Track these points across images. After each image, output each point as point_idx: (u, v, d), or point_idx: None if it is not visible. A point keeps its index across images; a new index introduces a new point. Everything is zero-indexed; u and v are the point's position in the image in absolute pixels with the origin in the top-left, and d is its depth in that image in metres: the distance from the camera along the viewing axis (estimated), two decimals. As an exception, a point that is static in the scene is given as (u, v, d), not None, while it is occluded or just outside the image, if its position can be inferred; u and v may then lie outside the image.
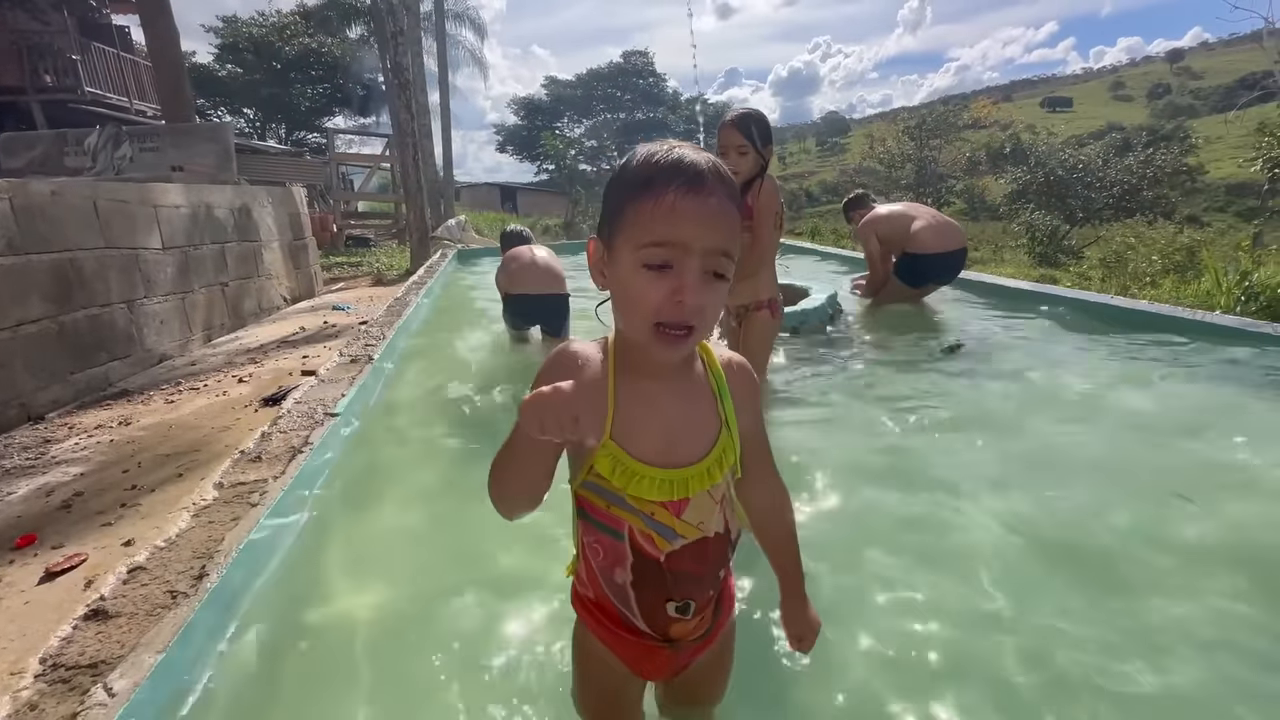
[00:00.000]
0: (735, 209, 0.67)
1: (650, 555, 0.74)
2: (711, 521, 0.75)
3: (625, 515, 0.73)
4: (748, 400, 0.79)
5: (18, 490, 2.31)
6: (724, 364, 0.78)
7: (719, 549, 0.77)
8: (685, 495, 0.72)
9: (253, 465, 1.81)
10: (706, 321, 0.67)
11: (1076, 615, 1.22)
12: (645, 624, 0.77)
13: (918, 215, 4.03)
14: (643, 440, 0.72)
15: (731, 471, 0.76)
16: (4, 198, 3.11)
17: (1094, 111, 56.61)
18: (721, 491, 0.75)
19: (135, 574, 1.31)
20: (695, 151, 0.68)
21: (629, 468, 0.71)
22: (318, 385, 2.54)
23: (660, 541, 0.73)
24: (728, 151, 2.21)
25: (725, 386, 0.76)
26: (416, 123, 8.50)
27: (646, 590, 0.75)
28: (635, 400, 0.72)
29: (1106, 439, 2.06)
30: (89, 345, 3.62)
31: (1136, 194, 19.51)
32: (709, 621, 0.82)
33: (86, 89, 13.37)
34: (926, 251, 3.90)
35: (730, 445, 0.75)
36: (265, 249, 5.97)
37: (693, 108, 31.83)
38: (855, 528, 1.60)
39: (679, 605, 0.76)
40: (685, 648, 0.81)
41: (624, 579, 0.76)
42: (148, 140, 6.32)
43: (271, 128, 24.05)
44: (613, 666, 0.82)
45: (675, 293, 0.63)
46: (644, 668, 0.82)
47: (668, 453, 0.72)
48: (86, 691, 1.00)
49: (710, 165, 0.67)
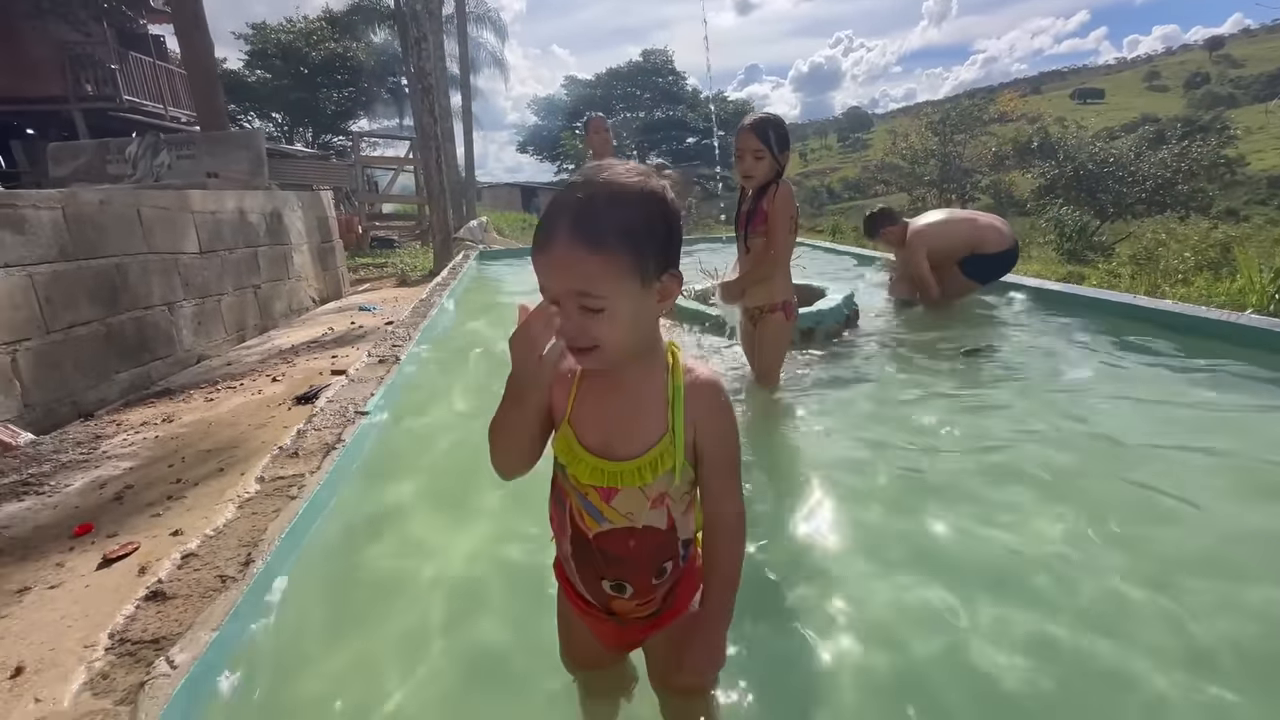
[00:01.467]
0: (591, 252, 0.71)
1: (582, 531, 0.85)
2: (641, 515, 0.83)
3: (568, 490, 0.84)
4: (709, 419, 0.82)
5: (74, 483, 2.47)
6: (690, 380, 0.82)
7: (651, 541, 0.84)
8: (615, 485, 0.81)
9: (290, 461, 1.92)
10: (605, 340, 0.74)
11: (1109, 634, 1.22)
12: (588, 593, 0.89)
13: (970, 217, 4.12)
14: (587, 428, 0.83)
15: (677, 477, 0.82)
16: (57, 207, 3.29)
17: (1127, 103, 54.98)
18: (658, 491, 0.82)
19: (188, 560, 1.42)
20: (568, 193, 0.74)
21: (573, 449, 0.82)
22: (348, 385, 2.66)
23: (590, 521, 0.83)
24: (744, 155, 2.26)
25: (680, 398, 0.81)
26: (439, 126, 8.67)
27: (582, 564, 0.87)
28: (589, 392, 0.83)
29: (1130, 444, 2.03)
30: (133, 346, 3.81)
31: (1171, 188, 18.92)
32: (656, 605, 0.90)
33: (125, 97, 13.89)
34: (996, 250, 3.94)
35: (670, 452, 0.80)
36: (295, 252, 6.16)
37: (708, 107, 31.70)
38: (866, 537, 1.61)
39: (613, 584, 0.87)
40: (631, 624, 0.91)
41: (566, 549, 0.89)
42: (184, 148, 6.57)
43: (299, 131, 24.62)
44: (579, 626, 0.94)
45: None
46: (599, 631, 0.93)
47: (605, 445, 0.82)
48: (151, 664, 1.10)
49: (571, 213, 0.72)
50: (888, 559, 1.48)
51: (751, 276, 2.43)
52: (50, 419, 3.14)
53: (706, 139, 31.69)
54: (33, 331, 3.09)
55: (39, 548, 2.00)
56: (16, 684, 1.40)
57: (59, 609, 1.67)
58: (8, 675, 1.42)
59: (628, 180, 0.74)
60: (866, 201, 41.12)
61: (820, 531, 1.62)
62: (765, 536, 1.55)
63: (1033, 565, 1.42)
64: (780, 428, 2.39)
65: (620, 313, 0.73)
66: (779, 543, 1.55)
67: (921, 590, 1.35)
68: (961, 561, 1.46)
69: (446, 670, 1.20)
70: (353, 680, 1.18)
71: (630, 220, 0.72)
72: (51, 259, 3.23)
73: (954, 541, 1.54)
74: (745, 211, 2.42)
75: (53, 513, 2.24)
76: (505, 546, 1.59)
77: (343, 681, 1.18)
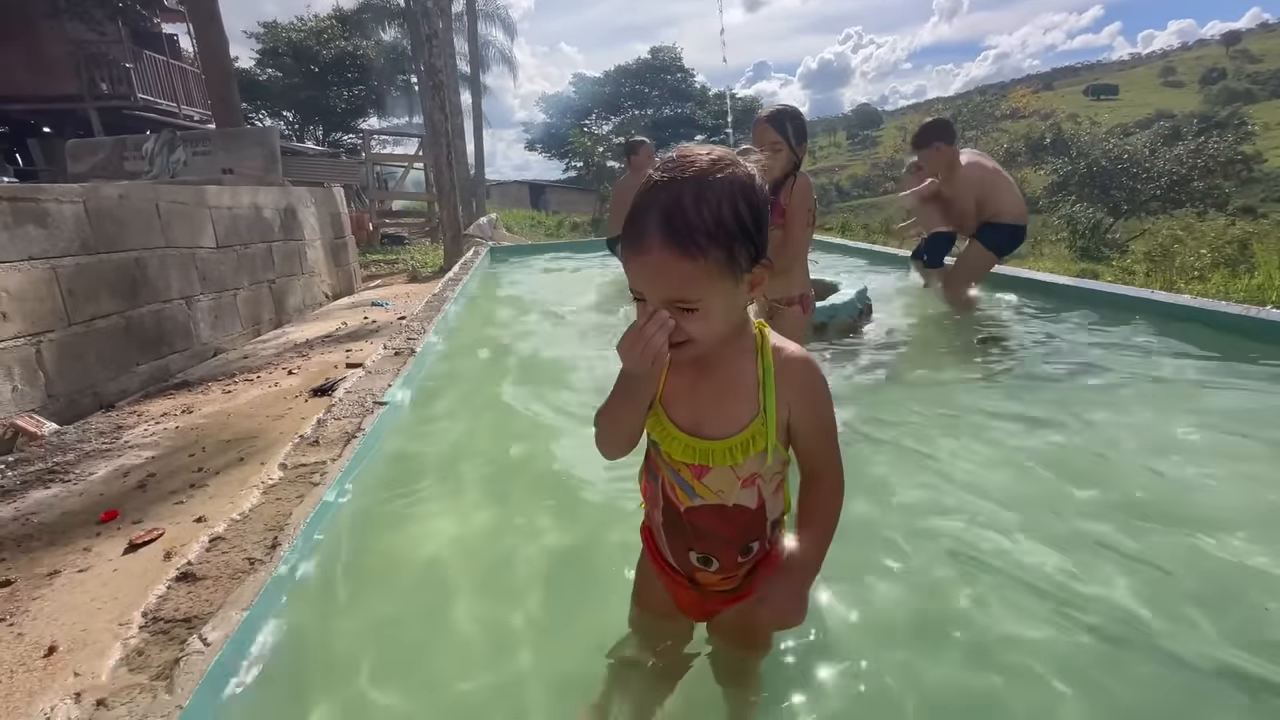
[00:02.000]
0: (684, 257, 0.71)
1: (674, 504, 0.88)
2: (732, 494, 0.84)
3: (661, 466, 0.87)
4: (804, 396, 0.83)
5: (98, 471, 2.51)
6: (780, 359, 0.83)
7: (740, 519, 0.86)
8: (707, 464, 0.83)
9: (312, 449, 1.95)
10: (699, 336, 0.76)
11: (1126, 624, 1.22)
12: (675, 563, 0.92)
13: (1007, 179, 3.78)
14: (678, 408, 0.86)
15: (769, 457, 0.83)
16: (79, 201, 3.34)
17: (1142, 99, 54.29)
18: (749, 471, 0.83)
19: (216, 543, 1.45)
20: (656, 192, 0.73)
21: (665, 427, 0.85)
22: (366, 376, 2.69)
23: (682, 495, 0.86)
24: (761, 148, 2.25)
25: (771, 379, 0.82)
26: (450, 123, 8.71)
27: (673, 535, 0.91)
28: (679, 376, 0.85)
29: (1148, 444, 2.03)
30: (152, 339, 3.86)
31: (1186, 185, 18.70)
32: (737, 581, 0.92)
33: (139, 96, 14.03)
34: (1019, 222, 3.71)
35: (761, 433, 0.82)
36: (308, 247, 6.22)
37: (723, 103, 31.63)
38: (879, 532, 1.59)
39: (700, 556, 0.89)
40: (713, 596, 0.94)
41: (658, 519, 0.92)
42: (200, 144, 6.64)
43: (309, 129, 24.77)
44: (658, 589, 0.98)
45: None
46: (678, 597, 0.97)
47: (695, 425, 0.84)
48: (184, 641, 1.12)
49: (660, 215, 0.71)
50: (901, 557, 1.46)
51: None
52: (73, 410, 3.19)
53: (715, 136, 31.63)
54: (55, 323, 3.14)
55: (66, 533, 2.04)
56: (51, 662, 1.43)
57: (88, 591, 1.71)
58: (42, 654, 1.46)
59: (715, 175, 0.73)
60: (877, 199, 40.94)
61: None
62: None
63: (1059, 562, 1.39)
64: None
65: (714, 310, 0.75)
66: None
67: (938, 592, 1.33)
68: (981, 557, 1.44)
69: (468, 646, 1.23)
70: (378, 656, 1.21)
71: (720, 220, 0.72)
72: (74, 252, 3.29)
73: (971, 535, 1.52)
74: None
75: (79, 499, 2.28)
76: (521, 530, 1.61)
77: (368, 658, 1.20)
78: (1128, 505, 1.63)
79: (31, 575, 1.81)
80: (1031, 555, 1.44)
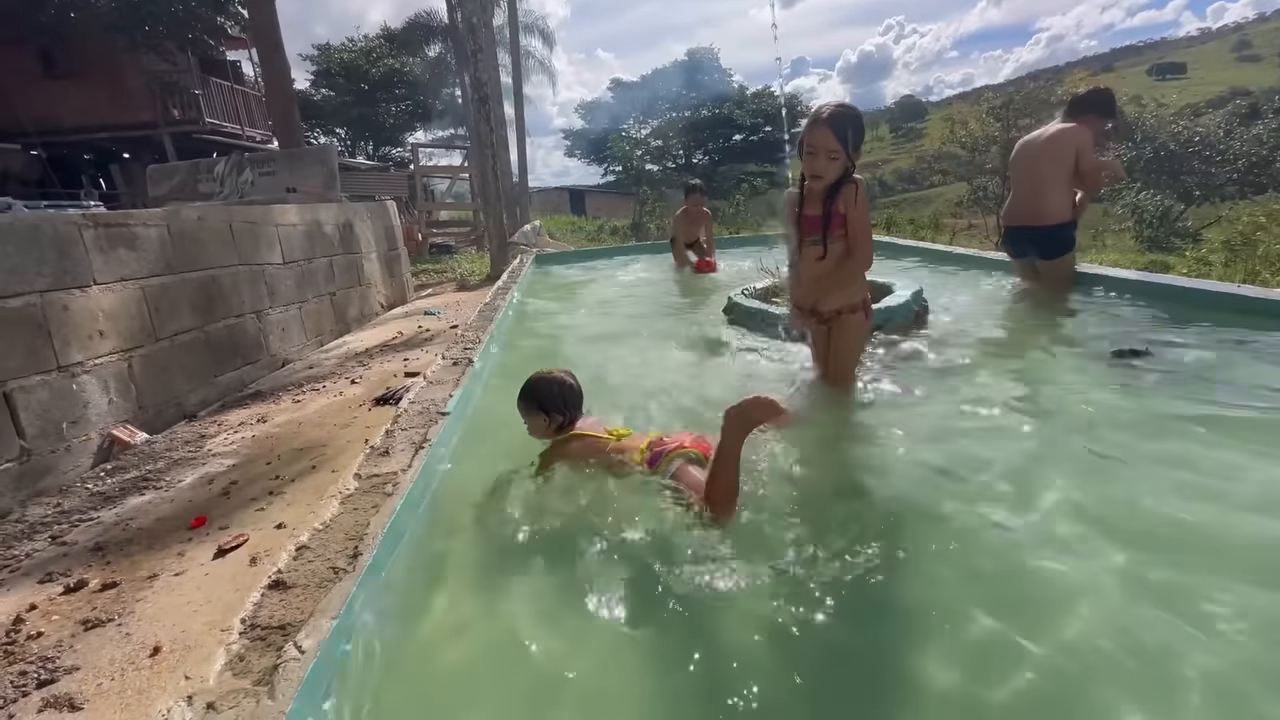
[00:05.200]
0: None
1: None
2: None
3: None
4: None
5: (186, 479, 2.68)
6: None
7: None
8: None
9: (383, 459, 2.03)
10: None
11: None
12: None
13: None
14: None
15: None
16: (163, 224, 3.58)
17: (1213, 77, 50.76)
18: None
19: (302, 552, 1.52)
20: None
21: None
22: (427, 387, 2.77)
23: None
24: (818, 154, 2.12)
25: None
26: (495, 134, 8.91)
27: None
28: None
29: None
30: (227, 352, 4.10)
31: (1268, 166, 17.37)
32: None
33: (206, 120, 14.93)
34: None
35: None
36: (365, 260, 6.47)
37: (762, 103, 31.24)
38: (944, 571, 1.48)
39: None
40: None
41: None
42: (265, 165, 7.02)
43: (361, 145, 25.82)
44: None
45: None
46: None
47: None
48: (281, 648, 1.19)
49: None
50: (967, 604, 1.32)
51: (831, 283, 2.33)
52: (160, 420, 3.41)
53: (753, 135, 31.22)
54: (144, 339, 3.37)
55: (161, 538, 2.19)
56: (156, 661, 1.54)
57: (184, 595, 1.82)
58: (148, 653, 1.56)
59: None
60: (922, 193, 39.54)
61: (895, 559, 1.48)
62: (836, 555, 1.48)
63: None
64: (854, 433, 2.34)
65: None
66: (851, 569, 1.45)
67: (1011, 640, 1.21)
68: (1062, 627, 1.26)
69: (555, 648, 1.26)
70: (459, 658, 1.26)
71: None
72: (159, 272, 3.52)
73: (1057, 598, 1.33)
74: (815, 215, 2.31)
75: (170, 506, 2.44)
76: (583, 532, 1.63)
77: (451, 661, 1.26)
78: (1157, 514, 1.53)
79: (134, 578, 1.95)
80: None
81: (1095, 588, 1.34)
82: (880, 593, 1.39)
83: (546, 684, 1.20)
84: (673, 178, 21.69)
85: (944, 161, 28.00)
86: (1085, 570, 1.39)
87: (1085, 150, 3.43)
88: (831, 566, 1.44)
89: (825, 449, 2.15)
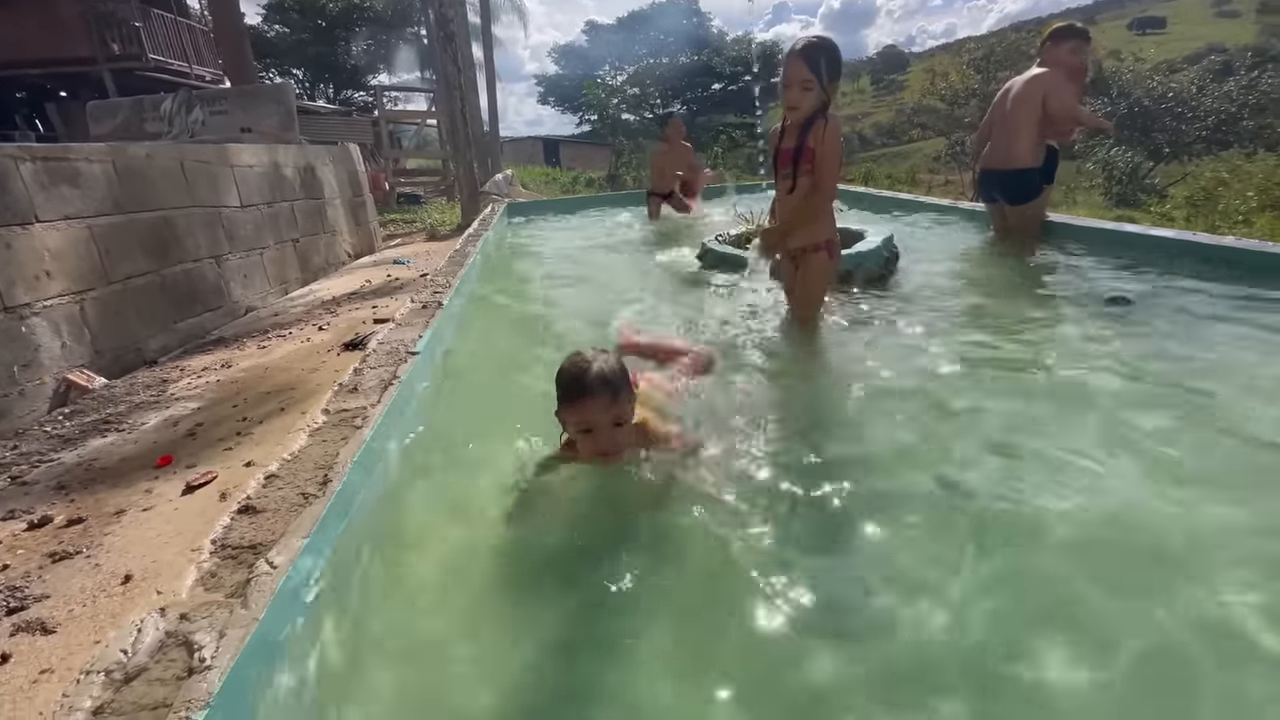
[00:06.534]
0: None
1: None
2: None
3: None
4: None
5: (149, 421, 2.63)
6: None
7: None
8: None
9: (351, 395, 2.02)
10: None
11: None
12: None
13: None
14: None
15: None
16: (107, 160, 3.38)
17: (1192, 32, 50.72)
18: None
19: (271, 480, 1.53)
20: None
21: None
22: (396, 328, 2.74)
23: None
24: (792, 85, 2.12)
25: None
26: (463, 76, 8.52)
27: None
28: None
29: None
30: (186, 297, 3.96)
31: (1236, 123, 17.61)
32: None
33: (150, 56, 13.90)
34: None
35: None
36: (329, 206, 6.24)
37: (741, 49, 30.30)
38: (904, 491, 1.54)
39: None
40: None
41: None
42: (216, 104, 6.62)
43: (320, 88, 24.45)
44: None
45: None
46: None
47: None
48: (252, 565, 1.21)
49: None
50: (926, 519, 1.40)
51: (795, 218, 2.36)
52: (118, 365, 3.32)
53: (733, 85, 30.39)
54: (96, 281, 3.23)
55: (127, 476, 2.16)
56: (128, 588, 1.54)
57: (154, 527, 1.82)
58: (119, 581, 1.57)
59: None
60: (901, 148, 39.28)
61: (857, 485, 1.55)
62: (800, 484, 1.54)
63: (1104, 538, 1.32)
64: (817, 374, 2.40)
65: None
66: (812, 492, 1.52)
67: (966, 559, 1.27)
68: (1013, 532, 1.35)
69: (507, 570, 1.33)
70: (426, 577, 1.31)
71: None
72: (106, 211, 3.35)
73: (1003, 504, 1.43)
74: (789, 148, 2.32)
75: (134, 447, 2.40)
76: (547, 465, 1.66)
77: (418, 581, 1.30)
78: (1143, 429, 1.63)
79: (100, 514, 1.93)
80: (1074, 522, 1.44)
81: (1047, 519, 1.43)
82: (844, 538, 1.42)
83: (511, 592, 1.25)
84: (650, 128, 21.12)
85: (923, 115, 27.76)
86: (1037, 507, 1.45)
87: (1053, 93, 3.44)
88: (789, 512, 1.47)
89: (788, 390, 2.20)
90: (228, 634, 1.04)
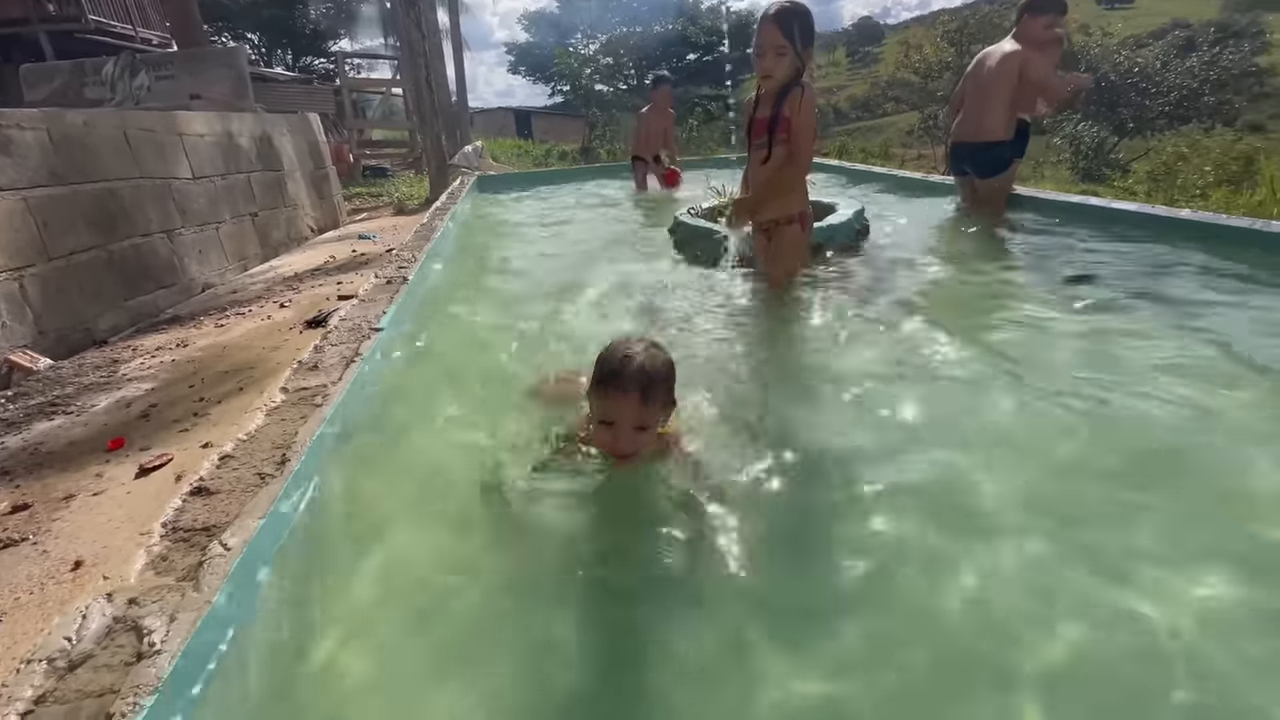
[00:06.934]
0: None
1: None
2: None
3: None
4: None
5: (100, 403, 2.53)
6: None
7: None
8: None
9: (311, 373, 1.95)
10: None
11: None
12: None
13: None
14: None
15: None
16: (41, 128, 3.18)
17: (1158, 7, 51.29)
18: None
19: (226, 461, 1.48)
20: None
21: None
22: (359, 305, 2.66)
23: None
24: (765, 51, 2.07)
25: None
26: (428, 42, 8.19)
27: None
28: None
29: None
30: (136, 274, 3.78)
31: (1196, 99, 18.03)
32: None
33: (90, 17, 13.00)
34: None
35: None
36: (289, 179, 5.99)
37: (716, 19, 29.68)
38: (879, 449, 1.60)
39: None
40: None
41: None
42: (162, 68, 6.24)
43: (278, 54, 23.31)
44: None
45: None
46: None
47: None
48: (205, 547, 1.17)
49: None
50: (896, 474, 1.45)
51: (769, 189, 2.33)
52: (65, 345, 3.17)
53: (708, 55, 29.81)
54: (35, 257, 3.06)
55: (76, 460, 2.08)
56: (78, 574, 1.50)
57: (105, 512, 1.76)
58: (69, 568, 1.52)
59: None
60: (875, 122, 39.28)
61: (831, 444, 1.59)
62: (775, 446, 1.55)
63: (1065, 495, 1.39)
64: (793, 336, 2.40)
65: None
66: (789, 452, 1.54)
67: (939, 519, 1.29)
68: (980, 486, 1.40)
69: (472, 546, 1.32)
70: (387, 559, 1.29)
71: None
72: (43, 182, 3.16)
73: (974, 461, 1.49)
74: (763, 118, 2.27)
75: (84, 430, 2.31)
76: (514, 441, 1.63)
77: (379, 560, 1.28)
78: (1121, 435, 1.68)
79: (47, 500, 1.86)
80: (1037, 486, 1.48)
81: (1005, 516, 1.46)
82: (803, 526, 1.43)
83: (471, 574, 1.24)
84: (624, 99, 20.64)
85: (897, 89, 27.72)
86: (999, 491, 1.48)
87: (1029, 65, 3.45)
88: (753, 489, 1.45)
89: (759, 365, 2.21)
90: (179, 617, 1.00)
